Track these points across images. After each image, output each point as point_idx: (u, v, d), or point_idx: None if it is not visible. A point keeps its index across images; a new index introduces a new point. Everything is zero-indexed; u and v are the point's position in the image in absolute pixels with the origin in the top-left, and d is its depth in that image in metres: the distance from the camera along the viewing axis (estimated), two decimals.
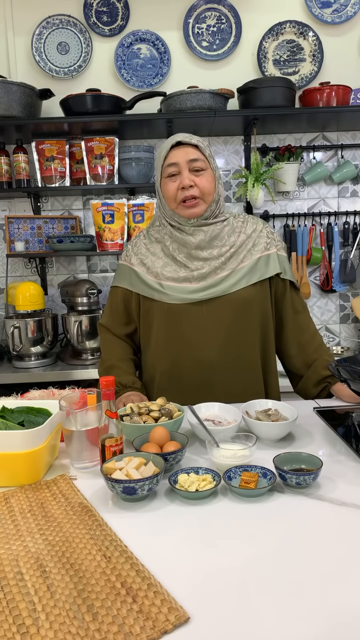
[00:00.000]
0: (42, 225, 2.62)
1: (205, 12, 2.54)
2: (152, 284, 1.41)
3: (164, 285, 1.39)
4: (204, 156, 1.38)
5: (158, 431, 1.06)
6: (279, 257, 1.44)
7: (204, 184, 1.36)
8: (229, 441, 1.07)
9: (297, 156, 2.55)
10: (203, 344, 1.37)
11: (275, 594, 0.66)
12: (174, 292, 1.38)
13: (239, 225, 1.45)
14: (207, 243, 1.39)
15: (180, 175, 1.36)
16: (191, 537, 0.80)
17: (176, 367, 1.40)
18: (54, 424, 1.06)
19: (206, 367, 1.38)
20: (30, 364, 2.35)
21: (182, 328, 1.38)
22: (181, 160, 1.35)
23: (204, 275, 1.37)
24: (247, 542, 0.78)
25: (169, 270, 1.40)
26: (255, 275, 1.39)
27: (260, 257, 1.41)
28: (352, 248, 2.66)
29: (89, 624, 0.62)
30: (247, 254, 1.41)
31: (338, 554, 0.74)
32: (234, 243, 1.41)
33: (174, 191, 1.37)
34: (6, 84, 2.24)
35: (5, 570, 0.73)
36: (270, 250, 1.43)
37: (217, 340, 1.37)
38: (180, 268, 1.40)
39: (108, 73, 2.60)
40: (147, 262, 1.44)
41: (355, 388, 1.16)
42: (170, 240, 1.43)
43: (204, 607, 0.64)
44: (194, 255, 1.39)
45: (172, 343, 1.39)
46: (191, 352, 1.38)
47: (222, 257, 1.39)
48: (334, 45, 2.58)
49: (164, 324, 1.40)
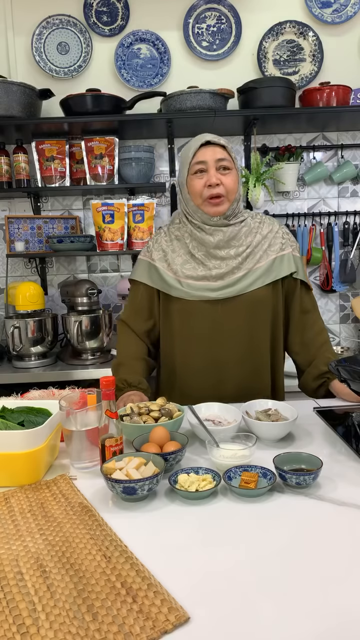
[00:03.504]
0: (42, 225, 2.62)
1: (205, 12, 2.54)
2: (171, 281, 1.45)
3: (182, 282, 1.44)
4: (230, 157, 1.43)
5: (158, 431, 1.06)
6: (294, 257, 1.48)
7: (230, 183, 1.41)
8: (229, 441, 1.07)
9: (297, 156, 2.55)
10: (218, 342, 1.42)
11: (276, 593, 0.66)
12: (192, 290, 1.42)
13: (256, 225, 1.49)
14: (225, 243, 1.43)
15: (207, 173, 1.40)
16: (191, 537, 0.80)
17: (192, 363, 1.44)
18: (54, 424, 1.06)
19: (220, 365, 1.42)
20: (30, 364, 2.35)
21: (198, 325, 1.43)
22: (209, 159, 1.40)
23: (221, 274, 1.42)
24: (247, 542, 0.78)
25: (188, 268, 1.45)
26: (270, 275, 1.44)
27: (275, 257, 1.46)
28: (352, 248, 2.66)
29: (89, 624, 0.62)
30: (263, 255, 1.45)
31: (338, 553, 0.74)
32: (250, 243, 1.45)
33: (201, 188, 1.41)
34: (6, 84, 2.24)
35: (5, 570, 0.73)
36: (285, 251, 1.47)
37: (232, 339, 1.42)
38: (198, 266, 1.45)
39: (108, 73, 2.60)
40: (168, 259, 1.48)
41: (355, 388, 1.16)
42: (190, 239, 1.47)
43: (204, 607, 0.64)
44: (212, 254, 1.44)
45: (188, 340, 1.44)
46: (206, 349, 1.43)
47: (239, 257, 1.43)
48: (334, 45, 2.58)
49: (181, 320, 1.44)
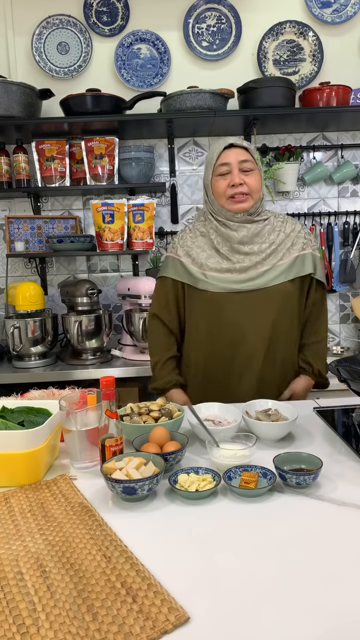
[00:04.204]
0: (42, 225, 2.62)
1: (205, 12, 2.54)
2: (196, 273, 1.49)
3: (207, 275, 1.48)
4: (252, 158, 1.49)
5: (158, 431, 1.06)
6: (314, 257, 1.53)
7: (253, 182, 1.47)
8: (229, 441, 1.07)
9: (297, 156, 2.55)
10: (242, 333, 1.46)
11: (276, 593, 0.66)
12: (216, 282, 1.47)
13: (279, 224, 1.54)
14: (249, 239, 1.48)
15: (231, 174, 1.47)
16: (191, 537, 0.80)
17: (217, 353, 1.49)
18: (54, 424, 1.06)
19: (245, 355, 1.47)
20: (30, 364, 2.35)
21: (223, 316, 1.47)
22: (233, 161, 1.47)
23: (245, 268, 1.47)
24: (247, 542, 0.78)
25: (213, 262, 1.49)
26: (292, 272, 1.49)
27: (297, 255, 1.51)
28: (352, 248, 2.66)
29: (89, 624, 0.62)
30: (286, 252, 1.50)
31: (338, 553, 0.74)
32: (273, 241, 1.50)
33: (224, 188, 1.48)
34: (6, 84, 2.24)
35: (5, 570, 0.73)
36: (306, 250, 1.52)
37: (256, 330, 1.46)
38: (223, 260, 1.49)
39: (108, 73, 2.60)
40: (192, 254, 1.53)
41: (355, 388, 1.16)
42: (215, 234, 1.52)
43: (204, 607, 0.64)
44: (236, 249, 1.48)
45: (213, 331, 1.49)
46: (231, 340, 1.47)
47: (262, 253, 1.48)
48: (334, 45, 2.58)
49: (206, 312, 1.49)
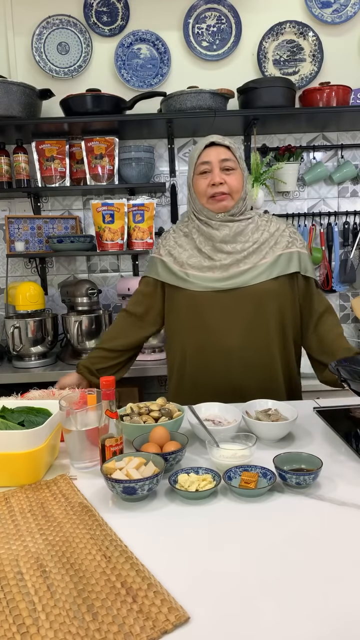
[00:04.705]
0: (42, 225, 2.62)
1: (205, 12, 2.54)
2: (178, 272, 1.48)
3: (189, 274, 1.47)
4: (234, 157, 1.46)
5: (158, 431, 1.06)
6: (300, 255, 1.49)
7: (233, 182, 1.44)
8: (229, 441, 1.07)
9: (297, 156, 2.55)
10: (224, 332, 1.44)
11: (276, 593, 0.66)
12: (197, 281, 1.45)
13: (264, 223, 1.52)
14: (231, 238, 1.46)
15: (211, 173, 1.44)
16: (191, 537, 0.80)
17: (200, 353, 1.47)
18: (54, 424, 1.06)
19: (228, 354, 1.44)
20: (30, 364, 2.35)
21: (204, 315, 1.45)
22: (213, 159, 1.44)
23: (226, 266, 1.44)
24: (247, 542, 0.78)
25: (194, 261, 1.48)
26: (275, 270, 1.45)
27: (281, 254, 1.47)
28: (352, 248, 2.66)
29: (89, 624, 0.62)
30: (269, 251, 1.47)
31: (338, 553, 0.74)
32: (257, 240, 1.47)
33: (205, 187, 1.45)
34: (6, 84, 2.24)
35: (5, 570, 0.73)
36: (291, 249, 1.49)
37: (238, 329, 1.43)
38: (204, 259, 1.47)
39: (108, 73, 2.60)
40: (174, 253, 1.51)
41: (355, 388, 1.16)
42: (198, 234, 1.50)
43: (204, 607, 0.64)
44: (219, 248, 1.46)
45: (195, 330, 1.47)
46: (213, 339, 1.44)
47: (245, 251, 1.45)
48: (334, 45, 2.58)
49: (188, 311, 1.47)
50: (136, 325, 1.59)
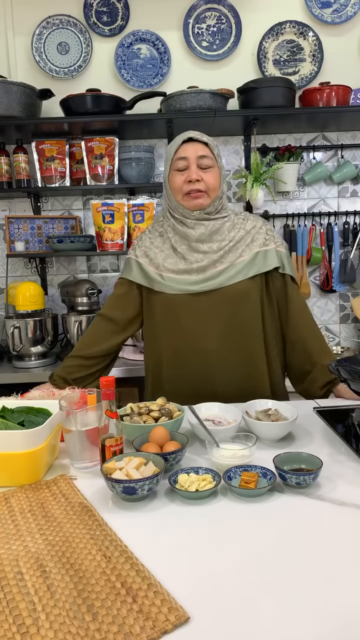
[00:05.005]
0: (42, 225, 2.62)
1: (205, 12, 2.54)
2: (153, 275, 1.45)
3: (164, 276, 1.43)
4: (212, 154, 1.43)
5: (158, 431, 1.06)
6: (277, 252, 1.46)
7: (210, 179, 1.41)
8: (229, 441, 1.07)
9: (297, 156, 2.55)
10: (202, 335, 1.41)
11: (276, 594, 0.66)
12: (173, 283, 1.42)
13: (240, 221, 1.49)
14: (207, 237, 1.43)
15: (188, 169, 1.41)
16: (191, 537, 0.80)
17: (178, 356, 1.43)
18: (54, 424, 1.06)
19: (206, 357, 1.41)
20: (30, 364, 2.35)
21: (181, 318, 1.42)
22: (191, 155, 1.41)
23: (202, 268, 1.41)
24: (247, 542, 0.78)
25: (170, 262, 1.44)
26: (252, 269, 1.42)
27: (258, 252, 1.44)
28: (352, 248, 2.66)
29: (89, 624, 0.62)
30: (245, 249, 1.44)
31: (338, 553, 0.74)
32: (233, 238, 1.44)
33: (181, 184, 1.42)
34: (6, 84, 2.24)
35: (5, 570, 0.73)
36: (268, 246, 1.46)
37: (216, 331, 1.40)
38: (180, 260, 1.44)
39: (108, 73, 2.60)
40: (150, 254, 1.48)
41: (355, 388, 1.16)
42: (173, 233, 1.47)
43: (204, 607, 0.64)
44: (194, 247, 1.43)
45: (172, 333, 1.43)
46: (191, 342, 1.42)
47: (220, 250, 1.42)
48: (334, 45, 2.58)
49: (164, 314, 1.44)
50: (113, 329, 1.52)
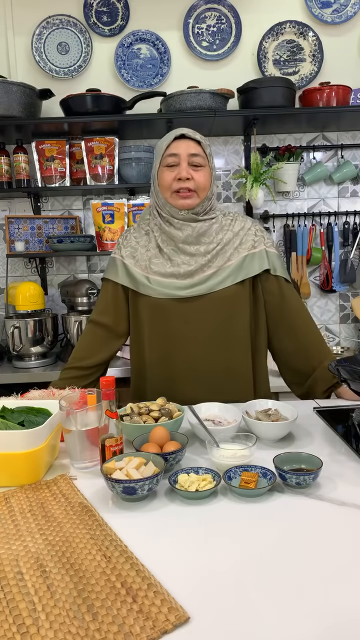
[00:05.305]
0: (42, 225, 2.62)
1: (205, 12, 2.54)
2: (140, 277, 1.41)
3: (151, 279, 1.40)
4: (204, 153, 1.40)
5: (158, 431, 1.06)
6: (268, 253, 1.43)
7: (201, 179, 1.38)
8: (229, 441, 1.07)
9: (297, 156, 2.55)
10: (189, 340, 1.38)
11: (276, 594, 0.66)
12: (159, 287, 1.38)
13: (228, 223, 1.45)
14: (194, 239, 1.40)
15: (179, 166, 1.37)
16: (191, 537, 0.80)
17: (164, 360, 1.41)
18: (54, 424, 1.06)
19: (194, 362, 1.39)
20: (30, 364, 2.35)
21: (168, 323, 1.39)
22: (182, 153, 1.37)
23: (190, 272, 1.38)
24: (247, 542, 0.78)
25: (156, 264, 1.41)
26: (241, 273, 1.39)
27: (246, 255, 1.41)
28: (352, 248, 2.66)
29: (89, 624, 0.62)
30: (233, 252, 1.41)
31: (338, 553, 0.74)
32: (220, 240, 1.41)
33: (170, 181, 1.38)
34: (6, 84, 2.24)
35: (5, 570, 0.73)
36: (257, 248, 1.42)
37: (203, 337, 1.38)
38: (166, 262, 1.41)
39: (108, 73, 2.60)
40: (136, 255, 1.44)
41: (355, 388, 1.16)
42: (159, 232, 1.43)
43: (204, 607, 0.64)
44: (181, 249, 1.40)
45: (159, 337, 1.40)
46: (178, 346, 1.39)
47: (208, 254, 1.39)
48: (334, 45, 2.58)
49: (150, 318, 1.41)
50: (107, 336, 1.47)
